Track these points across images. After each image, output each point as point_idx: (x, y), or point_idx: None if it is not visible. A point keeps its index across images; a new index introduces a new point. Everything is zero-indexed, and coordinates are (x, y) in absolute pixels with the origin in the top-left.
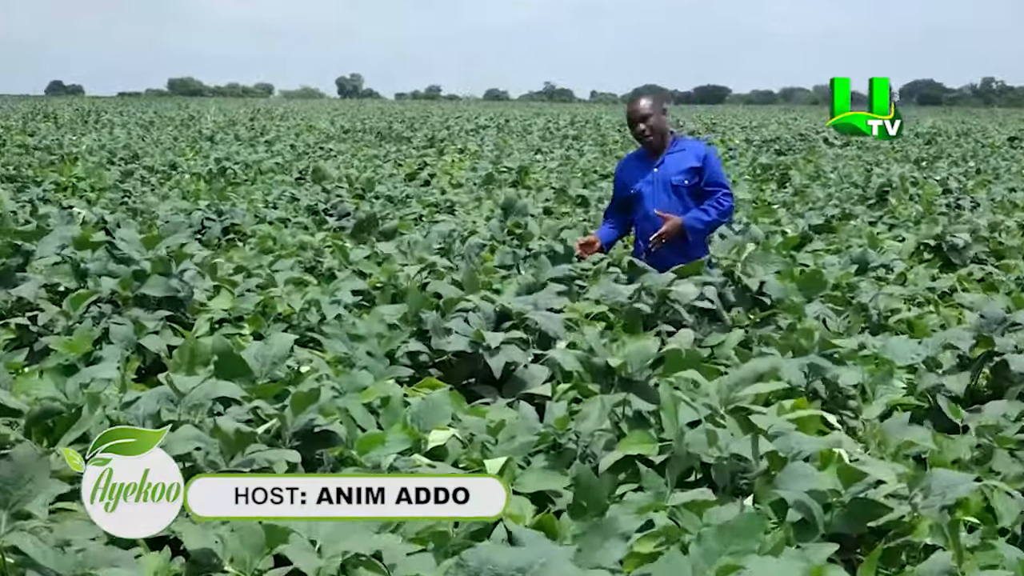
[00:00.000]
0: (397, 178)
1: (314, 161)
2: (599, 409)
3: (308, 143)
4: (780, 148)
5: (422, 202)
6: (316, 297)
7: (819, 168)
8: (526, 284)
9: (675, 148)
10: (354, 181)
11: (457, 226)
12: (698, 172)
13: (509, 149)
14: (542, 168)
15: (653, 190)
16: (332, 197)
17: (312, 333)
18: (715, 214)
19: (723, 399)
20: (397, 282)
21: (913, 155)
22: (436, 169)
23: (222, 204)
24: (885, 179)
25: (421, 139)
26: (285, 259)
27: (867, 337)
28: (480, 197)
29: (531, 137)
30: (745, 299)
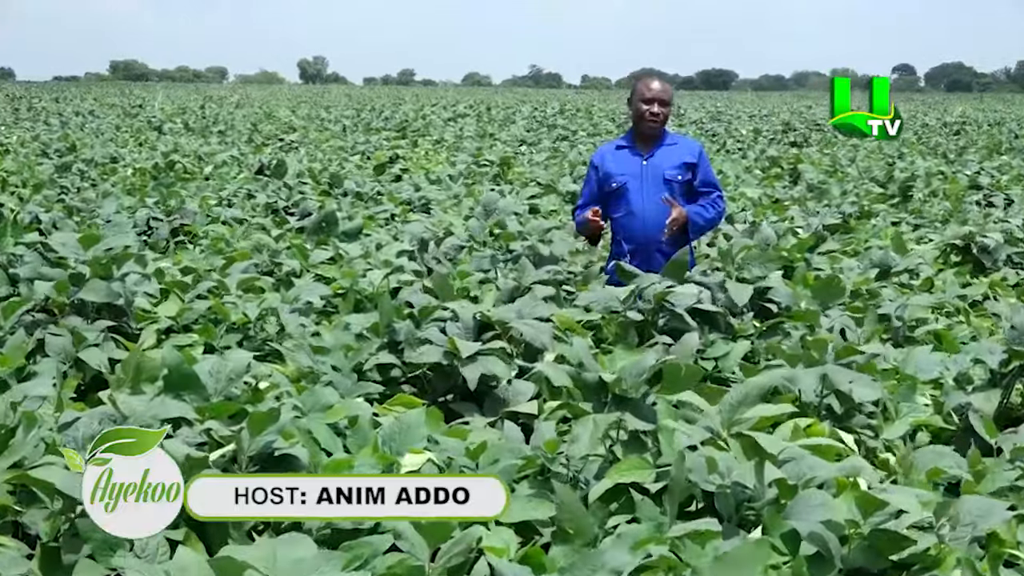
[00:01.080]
0: (366, 172)
1: (273, 154)
2: (591, 430)
3: (267, 134)
4: (792, 139)
5: (394, 199)
6: (274, 304)
7: (835, 161)
8: (508, 290)
9: (666, 141)
10: (318, 176)
11: (432, 226)
12: (692, 169)
13: (491, 140)
14: (527, 161)
15: (641, 184)
16: (293, 194)
17: (271, 345)
18: (713, 213)
19: (727, 420)
20: (364, 288)
21: (940, 147)
22: (409, 163)
23: (170, 202)
24: (909, 174)
25: (393, 129)
26: (240, 262)
27: (889, 349)
28: (458, 194)
29: (515, 127)
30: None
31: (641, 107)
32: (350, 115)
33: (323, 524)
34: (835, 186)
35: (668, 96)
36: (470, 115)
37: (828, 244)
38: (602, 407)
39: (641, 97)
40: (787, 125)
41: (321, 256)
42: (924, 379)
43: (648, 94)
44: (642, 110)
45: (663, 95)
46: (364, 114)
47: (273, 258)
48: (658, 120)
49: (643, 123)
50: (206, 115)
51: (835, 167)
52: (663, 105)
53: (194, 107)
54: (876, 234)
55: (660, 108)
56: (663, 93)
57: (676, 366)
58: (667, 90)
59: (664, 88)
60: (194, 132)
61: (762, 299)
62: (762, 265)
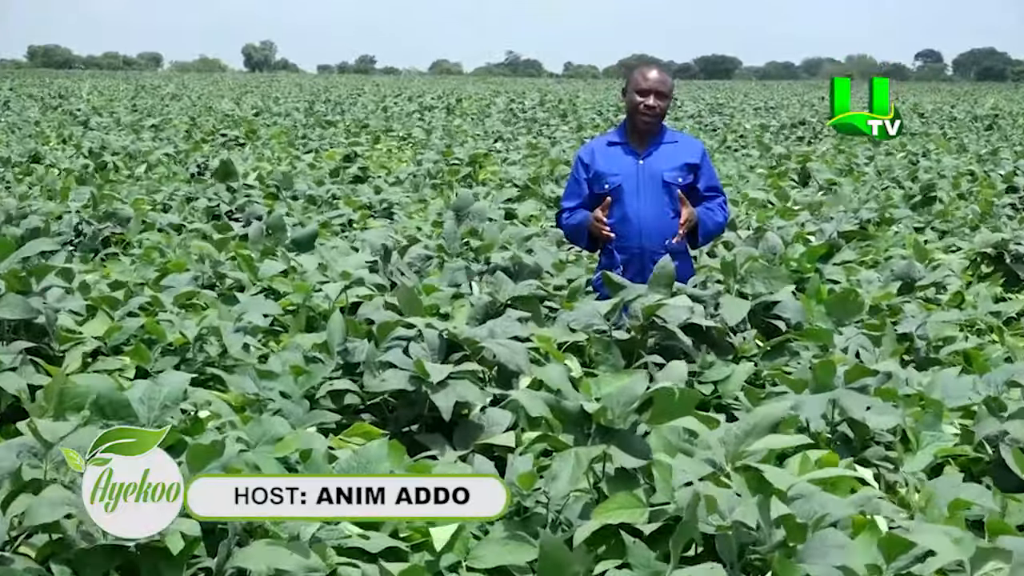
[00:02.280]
0: (320, 172)
1: (214, 152)
2: (573, 465)
3: (207, 129)
4: (803, 134)
5: (352, 203)
6: (216, 323)
7: (851, 159)
8: (482, 307)
9: (665, 139)
10: (266, 177)
11: (396, 233)
12: (694, 171)
13: (462, 136)
14: (503, 160)
15: (637, 185)
16: (238, 197)
17: (212, 369)
18: (721, 218)
19: (732, 452)
20: (318, 304)
21: (970, 144)
22: (369, 161)
23: (99, 206)
24: (934, 173)
25: (351, 123)
26: (177, 275)
27: (911, 372)
28: (425, 197)
29: (490, 121)
30: (747, 321)
31: (635, 99)
32: (302, 108)
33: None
34: (851, 187)
35: (667, 88)
36: (438, 107)
37: (843, 253)
38: (585, 439)
39: (636, 87)
40: (796, 119)
41: (269, 268)
42: (952, 405)
43: (644, 84)
44: (636, 102)
45: (661, 86)
46: (318, 106)
47: (215, 270)
48: (654, 114)
49: (637, 117)
50: (138, 108)
51: (851, 166)
52: (661, 98)
53: (125, 98)
54: (898, 242)
55: (657, 101)
56: (661, 84)
57: (669, 392)
58: (666, 81)
59: (663, 78)
60: (125, 127)
61: (768, 315)
62: (768, 278)
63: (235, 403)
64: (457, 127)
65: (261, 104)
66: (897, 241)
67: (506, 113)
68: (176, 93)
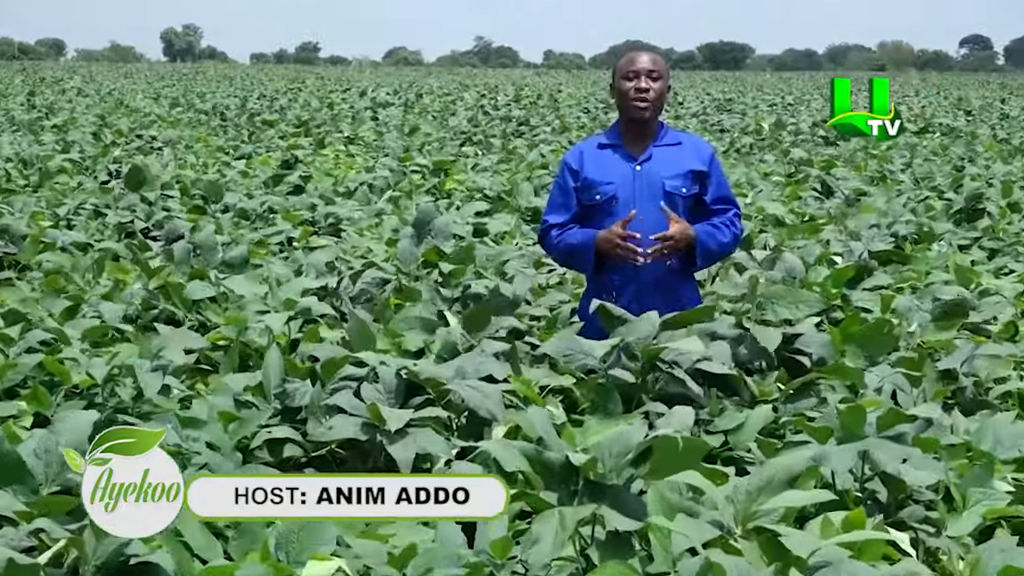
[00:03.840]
0: (254, 181)
1: (128, 157)
2: (557, 528)
3: (119, 129)
4: (826, 135)
5: (292, 217)
6: (131, 361)
7: (884, 165)
8: (449, 342)
9: (665, 140)
10: (190, 187)
11: (345, 254)
12: (701, 179)
13: (423, 138)
14: (472, 167)
15: (633, 195)
16: (156, 211)
17: (125, 415)
18: (728, 236)
19: (742, 512)
20: (253, 340)
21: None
22: (313, 168)
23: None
24: (982, 182)
25: (291, 123)
26: (85, 303)
27: (957, 417)
28: (381, 211)
29: (456, 120)
30: (764, 358)
31: (624, 85)
32: (232, 104)
33: None
34: (884, 198)
35: (660, 68)
36: (395, 104)
37: (875, 277)
38: (571, 497)
39: (623, 73)
40: (819, 116)
41: (195, 294)
42: (1004, 457)
43: (631, 66)
44: (625, 88)
45: (651, 65)
46: (251, 103)
47: (130, 297)
48: (647, 99)
49: (629, 106)
50: (36, 104)
51: (883, 173)
52: (653, 78)
53: (19, 94)
54: (939, 263)
55: (649, 82)
56: (652, 63)
57: (671, 441)
58: (656, 61)
59: (652, 59)
60: (20, 127)
61: (789, 349)
62: (792, 303)
63: None
64: (417, 128)
65: (184, 100)
66: (939, 262)
67: (475, 111)
68: (82, 87)
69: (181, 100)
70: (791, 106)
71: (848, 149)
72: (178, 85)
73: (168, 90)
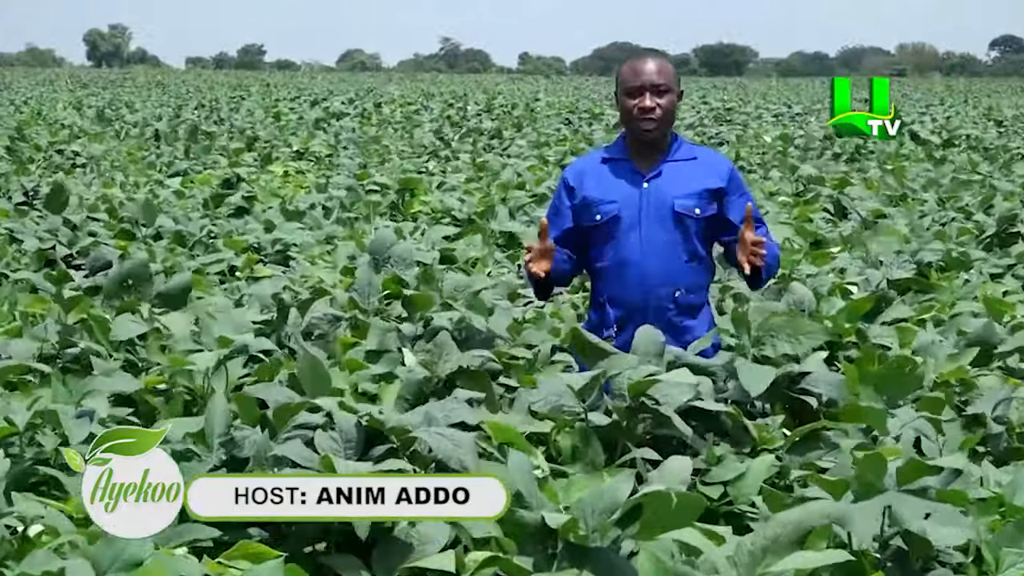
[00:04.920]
0: (191, 203)
1: (47, 175)
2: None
3: (38, 144)
4: (840, 149)
5: (234, 244)
6: (53, 406)
7: (904, 182)
8: (414, 384)
9: (678, 155)
10: (118, 209)
11: (295, 284)
12: (718, 198)
13: (382, 153)
14: (438, 185)
15: (639, 217)
16: (79, 236)
17: (47, 468)
18: (777, 251)
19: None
20: (192, 382)
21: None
22: (258, 187)
23: None
24: (1016, 202)
25: (233, 136)
26: (12, 341)
27: (988, 468)
28: (334, 235)
29: (420, 132)
30: (759, 399)
31: (627, 103)
32: (165, 115)
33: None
34: (905, 221)
35: (667, 79)
36: (351, 115)
37: (895, 309)
38: (549, 561)
39: (625, 87)
40: (831, 129)
41: (124, 331)
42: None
43: (634, 80)
44: (629, 107)
45: (657, 78)
46: (188, 113)
47: (52, 335)
48: (653, 118)
49: (634, 126)
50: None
51: (904, 192)
52: (660, 93)
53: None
54: (967, 294)
55: (655, 99)
56: (657, 75)
57: (663, 496)
58: (664, 70)
59: (659, 68)
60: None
61: (795, 390)
62: (794, 336)
63: (77, 515)
64: (376, 141)
65: (110, 111)
66: (967, 292)
67: (441, 122)
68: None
69: (107, 110)
70: (799, 116)
71: (865, 165)
72: (104, 93)
73: (93, 99)
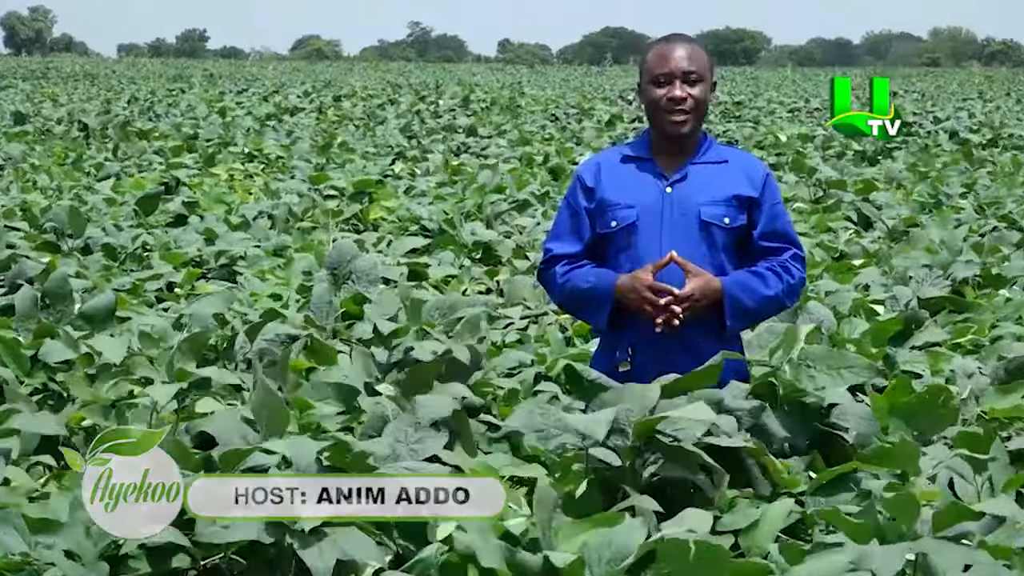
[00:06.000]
0: (122, 210)
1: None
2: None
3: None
4: (864, 148)
5: (173, 258)
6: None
7: (938, 187)
8: (378, 417)
9: (706, 155)
10: (40, 217)
11: (242, 304)
12: (750, 206)
13: (342, 153)
14: (406, 191)
15: (660, 225)
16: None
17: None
18: (779, 289)
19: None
20: (121, 415)
21: None
22: (200, 193)
23: None
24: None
25: (172, 134)
26: None
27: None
28: (286, 246)
29: (385, 128)
30: (798, 432)
31: (654, 93)
32: (94, 110)
33: None
34: (938, 230)
35: (700, 66)
36: (306, 110)
37: (927, 332)
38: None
39: (651, 75)
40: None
41: (49, 356)
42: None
43: (662, 67)
44: (655, 98)
45: (688, 64)
46: (119, 108)
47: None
48: (685, 110)
49: (661, 120)
50: None
51: (937, 197)
52: (691, 81)
53: None
54: (1009, 314)
55: (686, 89)
56: (688, 61)
57: (678, 545)
58: (696, 56)
59: (690, 53)
60: None
61: (822, 425)
62: (835, 368)
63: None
64: (333, 139)
65: (29, 105)
66: (1008, 312)
67: (410, 118)
68: None
69: (26, 106)
70: (818, 111)
71: (894, 167)
72: (23, 85)
73: (11, 92)
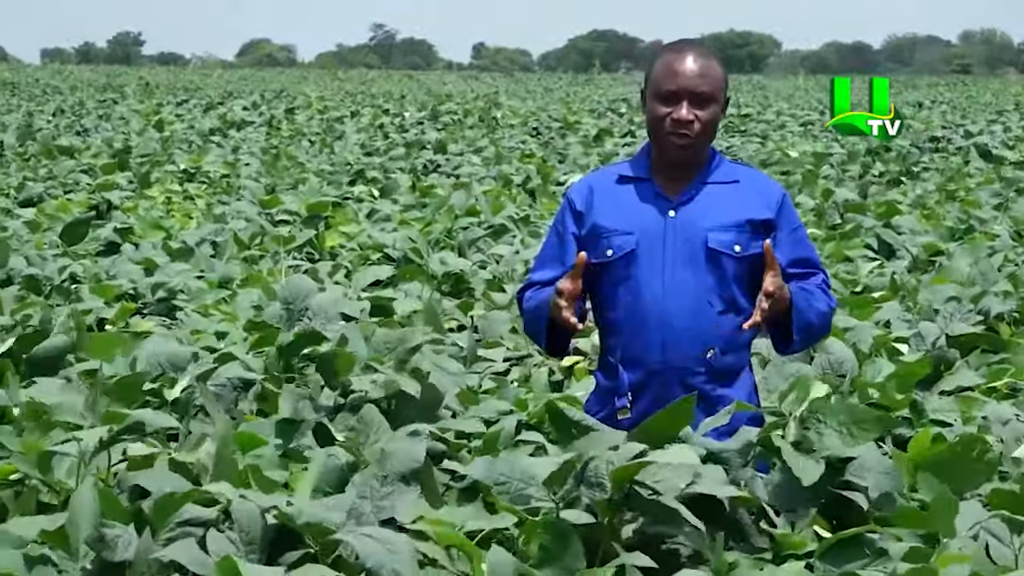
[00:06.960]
0: (49, 238)
1: None
2: None
3: None
4: (886, 168)
5: (103, 290)
6: None
7: (969, 211)
8: (333, 470)
9: (716, 175)
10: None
11: (185, 343)
12: (764, 231)
13: (295, 172)
14: (368, 215)
15: (663, 254)
16: None
17: None
18: (828, 309)
19: None
20: (51, 468)
21: None
22: (134, 217)
23: None
24: None
25: (101, 152)
26: None
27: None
28: (230, 279)
29: (343, 144)
30: (809, 491)
31: (658, 110)
32: (14, 124)
33: None
34: (969, 259)
35: (713, 85)
36: (255, 123)
37: (958, 375)
38: None
39: (656, 90)
40: (875, 141)
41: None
42: None
43: (670, 83)
44: (658, 116)
45: (700, 82)
46: (42, 122)
47: None
48: (690, 134)
49: (663, 139)
50: None
51: (969, 222)
52: (701, 102)
53: None
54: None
55: (694, 110)
56: (701, 79)
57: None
58: (710, 72)
59: (704, 69)
60: None
61: (835, 482)
62: (849, 425)
63: None
64: (285, 155)
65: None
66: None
67: (372, 132)
68: None
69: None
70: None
71: (924, 190)
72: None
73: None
